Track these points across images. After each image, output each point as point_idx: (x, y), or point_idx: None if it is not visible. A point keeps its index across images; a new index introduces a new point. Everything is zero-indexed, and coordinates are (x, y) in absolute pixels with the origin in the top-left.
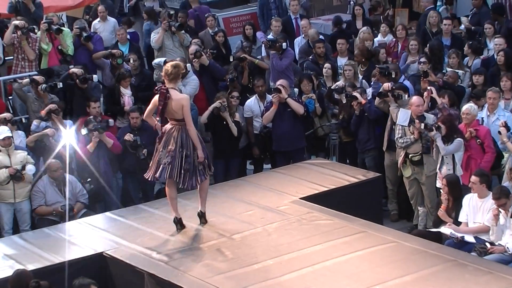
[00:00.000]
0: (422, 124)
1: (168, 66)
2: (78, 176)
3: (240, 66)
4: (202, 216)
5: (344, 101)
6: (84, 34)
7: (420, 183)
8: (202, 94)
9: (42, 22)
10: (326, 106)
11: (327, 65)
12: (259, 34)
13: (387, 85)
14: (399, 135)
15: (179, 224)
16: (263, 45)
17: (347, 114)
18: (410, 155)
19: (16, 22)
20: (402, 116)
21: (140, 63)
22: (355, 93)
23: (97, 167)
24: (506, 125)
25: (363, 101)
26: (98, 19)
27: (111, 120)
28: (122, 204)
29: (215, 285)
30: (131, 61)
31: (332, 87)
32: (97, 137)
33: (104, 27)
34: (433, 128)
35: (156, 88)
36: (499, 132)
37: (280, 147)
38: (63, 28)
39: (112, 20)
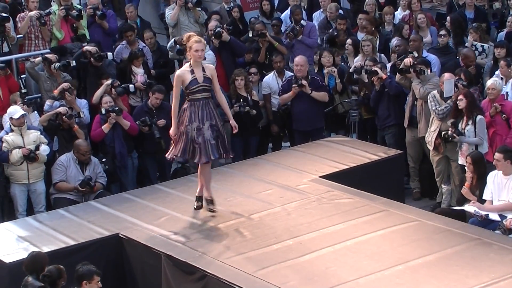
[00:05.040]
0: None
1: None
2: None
3: (257, 42)
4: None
5: (366, 80)
6: (98, 13)
7: (450, 160)
8: (221, 70)
9: (60, 8)
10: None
11: (348, 40)
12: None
13: (408, 61)
14: (436, 106)
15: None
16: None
17: (368, 90)
18: (443, 132)
19: (32, 13)
20: (447, 87)
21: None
22: (375, 68)
23: (112, 147)
24: None
25: (384, 76)
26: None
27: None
28: (139, 183)
29: (234, 266)
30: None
31: (350, 70)
32: (114, 118)
33: None
34: (454, 135)
35: None
36: None
37: (299, 126)
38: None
39: None
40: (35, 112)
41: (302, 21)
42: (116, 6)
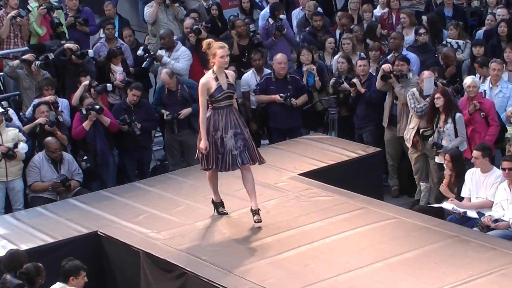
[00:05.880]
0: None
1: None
2: (72, 154)
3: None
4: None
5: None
6: (79, 20)
7: (429, 158)
8: (199, 68)
9: (40, 8)
10: (325, 80)
11: (331, 39)
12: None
13: (387, 67)
14: (415, 103)
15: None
16: (259, 21)
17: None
18: (421, 130)
19: (10, 15)
20: (427, 85)
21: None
22: (355, 81)
23: (93, 145)
24: None
25: (362, 90)
26: None
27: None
28: (118, 181)
29: (213, 263)
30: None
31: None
32: (95, 116)
33: None
34: (438, 151)
35: None
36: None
37: (276, 124)
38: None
39: None
40: (11, 110)
41: (280, 16)
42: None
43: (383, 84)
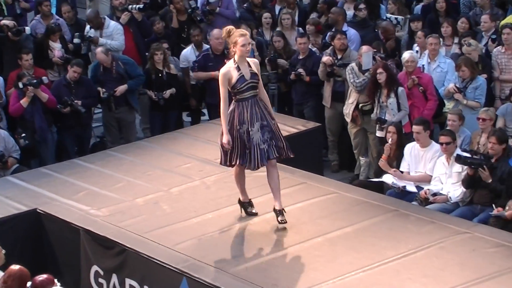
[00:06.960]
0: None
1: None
2: (10, 131)
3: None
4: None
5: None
6: (18, 11)
7: (368, 133)
8: (131, 44)
9: None
10: (265, 55)
11: (266, 14)
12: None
13: (328, 60)
14: (354, 78)
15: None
16: None
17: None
18: (361, 105)
19: None
20: (366, 60)
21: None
22: (301, 70)
23: (31, 122)
24: (458, 89)
25: (307, 79)
26: None
27: (44, 78)
28: (57, 158)
29: (153, 240)
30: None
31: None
32: (32, 91)
33: None
34: (382, 126)
35: None
36: (453, 97)
37: (215, 100)
38: None
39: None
40: None
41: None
42: None
43: (327, 78)
